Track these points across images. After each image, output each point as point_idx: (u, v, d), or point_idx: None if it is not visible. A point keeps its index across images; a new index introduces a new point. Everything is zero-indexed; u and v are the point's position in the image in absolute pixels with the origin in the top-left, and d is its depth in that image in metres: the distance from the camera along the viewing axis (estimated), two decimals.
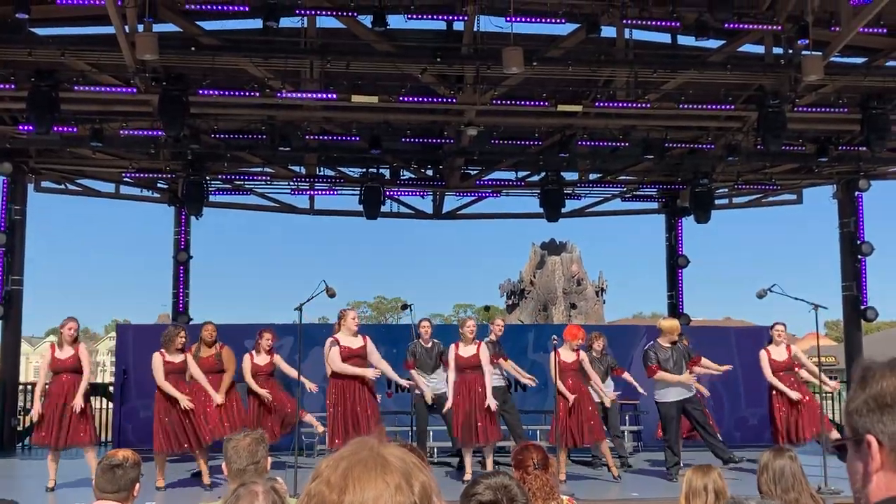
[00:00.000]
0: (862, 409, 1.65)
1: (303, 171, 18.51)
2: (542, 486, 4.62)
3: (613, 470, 11.81)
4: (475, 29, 13.14)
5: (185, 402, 10.92)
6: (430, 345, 12.61)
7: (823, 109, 14.78)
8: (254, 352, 12.26)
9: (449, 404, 11.50)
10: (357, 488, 1.52)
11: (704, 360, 12.48)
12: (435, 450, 13.67)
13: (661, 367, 11.67)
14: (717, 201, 18.83)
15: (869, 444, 1.63)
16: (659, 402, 11.83)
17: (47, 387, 11.36)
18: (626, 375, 13.56)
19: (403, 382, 11.99)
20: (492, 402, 11.29)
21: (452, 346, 11.69)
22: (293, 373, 11.71)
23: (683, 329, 13.26)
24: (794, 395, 11.84)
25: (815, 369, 12.20)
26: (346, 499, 1.51)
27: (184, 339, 11.42)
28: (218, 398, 11.33)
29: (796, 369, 12.25)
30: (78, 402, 10.80)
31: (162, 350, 11.27)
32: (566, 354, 11.79)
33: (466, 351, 11.56)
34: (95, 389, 17.92)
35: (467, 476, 11.08)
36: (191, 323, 18.47)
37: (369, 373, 11.03)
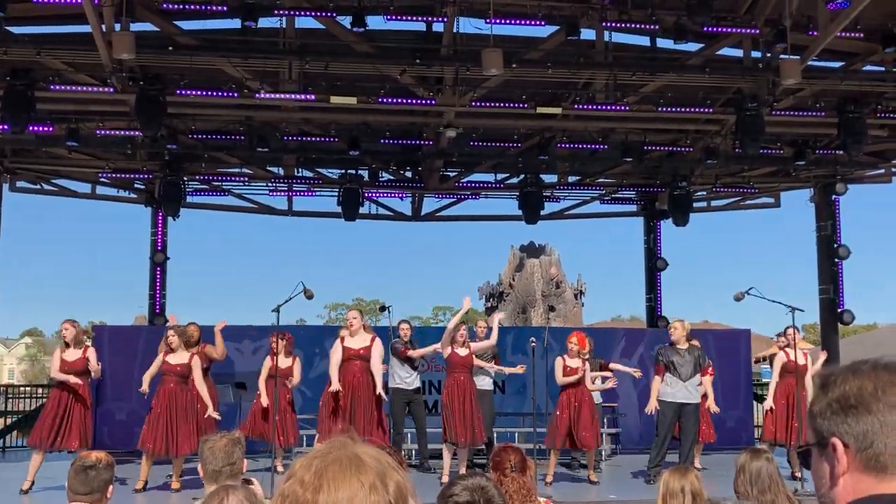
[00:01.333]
0: (826, 411, 1.65)
1: (281, 172, 18.43)
2: (518, 488, 4.61)
3: (592, 475, 11.82)
4: (454, 30, 13.12)
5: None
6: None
7: (801, 113, 14.86)
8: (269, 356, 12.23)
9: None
10: (331, 488, 1.50)
11: (706, 380, 12.35)
12: (412, 452, 13.63)
13: (667, 369, 11.68)
14: (695, 204, 18.89)
15: (834, 447, 1.62)
16: (660, 399, 11.87)
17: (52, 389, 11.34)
18: (613, 364, 13.73)
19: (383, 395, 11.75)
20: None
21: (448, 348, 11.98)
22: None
23: (665, 334, 13.11)
24: (768, 403, 12.01)
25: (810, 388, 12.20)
26: (320, 498, 1.49)
27: (175, 338, 11.32)
28: (214, 414, 11.22)
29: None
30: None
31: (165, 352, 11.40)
32: (571, 361, 11.85)
33: (461, 351, 11.71)
34: None
35: (444, 478, 11.08)
36: (168, 324, 18.35)
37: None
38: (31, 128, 13.67)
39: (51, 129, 14.57)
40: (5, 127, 13.67)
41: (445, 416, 11.63)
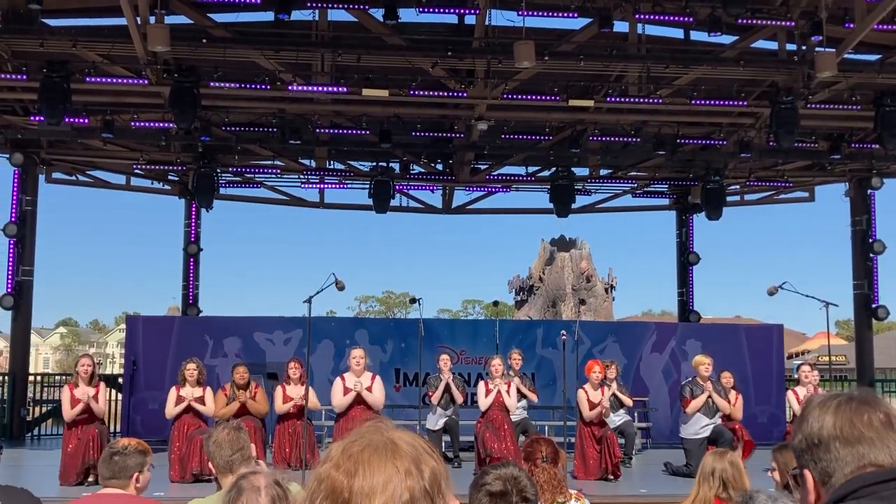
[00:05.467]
0: (799, 445, 1.86)
1: (313, 164, 18.53)
2: (549, 479, 4.61)
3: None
4: (487, 23, 13.09)
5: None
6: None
7: (836, 106, 14.72)
8: (285, 384, 12.10)
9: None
10: (367, 472, 1.50)
11: (734, 408, 12.15)
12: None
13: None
14: (728, 198, 18.77)
15: (805, 479, 1.83)
16: (683, 436, 11.85)
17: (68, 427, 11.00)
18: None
19: None
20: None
21: (482, 383, 11.94)
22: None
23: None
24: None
25: None
26: (355, 482, 1.50)
27: (194, 371, 11.30)
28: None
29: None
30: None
31: (177, 384, 11.37)
32: (593, 394, 11.75)
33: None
34: (105, 380, 18.06)
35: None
36: (201, 315, 18.51)
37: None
38: (66, 119, 13.80)
39: (86, 120, 14.71)
40: (42, 118, 13.82)
41: (480, 452, 11.59)
